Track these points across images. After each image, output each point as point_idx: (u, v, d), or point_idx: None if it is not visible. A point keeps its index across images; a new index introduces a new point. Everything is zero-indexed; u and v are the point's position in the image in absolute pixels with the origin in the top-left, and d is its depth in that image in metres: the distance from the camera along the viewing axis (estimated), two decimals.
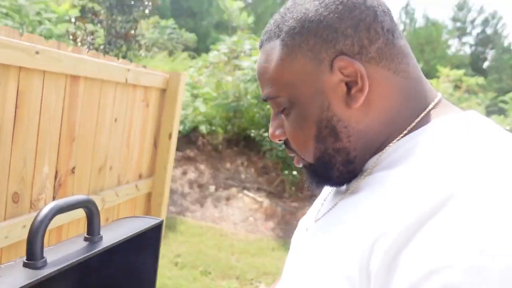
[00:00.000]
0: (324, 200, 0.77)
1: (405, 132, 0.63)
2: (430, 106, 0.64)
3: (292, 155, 0.73)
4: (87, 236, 0.97)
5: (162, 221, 1.20)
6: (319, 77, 0.63)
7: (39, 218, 0.81)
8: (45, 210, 0.82)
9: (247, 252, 4.50)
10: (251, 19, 13.55)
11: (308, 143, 0.67)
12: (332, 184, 0.70)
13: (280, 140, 0.72)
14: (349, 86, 0.62)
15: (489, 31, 28.21)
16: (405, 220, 0.49)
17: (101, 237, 0.99)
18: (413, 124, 0.63)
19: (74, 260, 0.85)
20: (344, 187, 0.71)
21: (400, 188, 0.54)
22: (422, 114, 0.63)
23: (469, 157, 0.52)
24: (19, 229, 1.54)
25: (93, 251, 0.91)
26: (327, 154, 0.66)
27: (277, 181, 5.85)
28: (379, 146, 0.65)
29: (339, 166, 0.66)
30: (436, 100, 0.65)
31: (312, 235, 0.68)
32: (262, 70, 0.68)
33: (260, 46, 0.70)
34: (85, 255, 0.88)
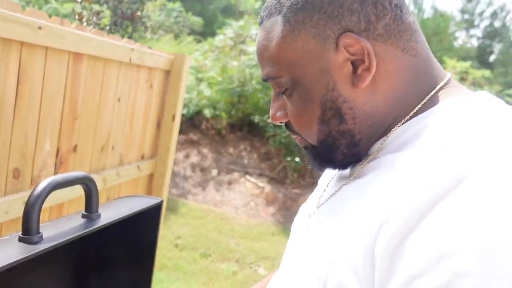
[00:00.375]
0: (327, 185, 0.74)
1: (412, 113, 0.60)
2: (439, 86, 0.61)
3: (294, 136, 0.70)
4: (85, 213, 0.96)
5: (161, 201, 1.19)
6: (324, 55, 0.60)
7: (36, 192, 0.80)
8: (42, 185, 0.81)
9: (247, 236, 4.51)
10: (258, 4, 13.41)
11: (311, 125, 0.64)
12: (335, 167, 0.67)
13: (281, 123, 0.69)
14: (355, 65, 0.59)
15: (497, 24, 27.85)
16: (413, 203, 0.46)
17: (99, 214, 0.98)
18: (421, 105, 0.60)
19: (70, 237, 0.84)
20: (347, 172, 0.69)
21: (408, 170, 0.51)
22: (430, 94, 0.60)
23: (481, 139, 0.49)
24: (20, 205, 1.54)
25: (90, 228, 0.90)
26: (331, 137, 0.63)
27: (279, 167, 5.84)
28: (385, 129, 0.62)
29: (344, 148, 0.63)
30: (445, 80, 0.62)
31: (315, 222, 0.65)
32: (262, 48, 0.64)
33: (260, 23, 0.66)
34: (82, 232, 0.87)
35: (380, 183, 0.54)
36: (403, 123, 0.60)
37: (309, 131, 0.65)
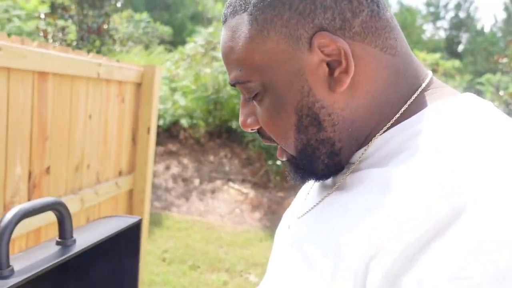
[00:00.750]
0: (308, 193, 0.69)
1: (394, 118, 0.55)
2: (421, 88, 0.56)
3: (268, 143, 0.64)
4: (59, 240, 0.91)
5: (140, 220, 1.14)
6: (297, 57, 0.54)
7: (2, 224, 0.75)
8: (9, 216, 0.75)
9: (235, 244, 4.46)
10: None
11: (287, 134, 0.58)
12: (317, 178, 0.62)
13: (252, 130, 0.63)
14: (331, 67, 0.54)
15: (462, 14, 28.57)
16: (408, 235, 0.42)
17: (74, 240, 0.93)
18: (404, 109, 0.55)
19: (44, 267, 0.79)
20: (329, 180, 0.64)
21: (397, 193, 0.46)
22: (414, 97, 0.55)
23: (478, 155, 0.45)
24: None
25: (65, 256, 0.85)
26: (309, 146, 0.58)
27: (261, 172, 5.81)
28: (367, 136, 0.57)
29: (324, 158, 0.58)
30: (427, 80, 0.58)
31: (297, 238, 0.60)
32: (228, 50, 0.58)
33: (224, 21, 0.59)
34: (56, 261, 0.82)
35: (366, 203, 0.49)
36: (385, 131, 0.55)
37: (285, 139, 0.59)
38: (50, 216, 1.80)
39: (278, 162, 5.49)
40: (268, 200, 5.39)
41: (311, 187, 0.70)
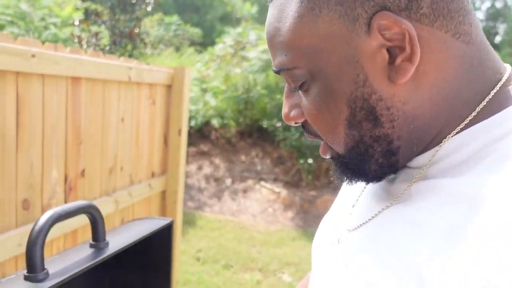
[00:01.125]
0: (357, 200, 0.60)
1: (470, 118, 0.47)
2: (501, 83, 0.48)
3: (312, 139, 0.56)
4: (93, 242, 0.92)
5: (172, 221, 1.15)
6: (352, 40, 0.47)
7: (37, 228, 0.76)
8: (43, 219, 0.77)
9: (268, 243, 4.45)
10: (254, 9, 13.42)
11: (336, 129, 0.50)
12: (368, 180, 0.54)
13: (296, 123, 0.56)
14: (392, 53, 0.46)
15: (498, 4, 27.57)
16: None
17: (107, 243, 0.94)
18: (481, 107, 0.47)
19: (77, 270, 0.80)
20: (385, 186, 0.56)
21: (495, 213, 0.38)
22: (492, 93, 0.47)
23: None
24: None
25: (98, 259, 0.86)
26: (362, 143, 0.50)
27: (293, 171, 5.78)
28: (433, 137, 0.49)
29: (378, 157, 0.50)
30: (506, 74, 0.49)
31: (349, 255, 0.51)
32: (273, 32, 0.51)
33: (271, 0, 0.53)
34: (89, 264, 0.83)
35: (448, 223, 0.41)
36: (458, 132, 0.47)
37: (334, 135, 0.51)
38: (86, 218, 1.84)
39: (310, 161, 5.45)
40: (300, 199, 5.35)
41: (360, 193, 0.61)
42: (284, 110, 0.55)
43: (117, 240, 0.97)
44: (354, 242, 0.52)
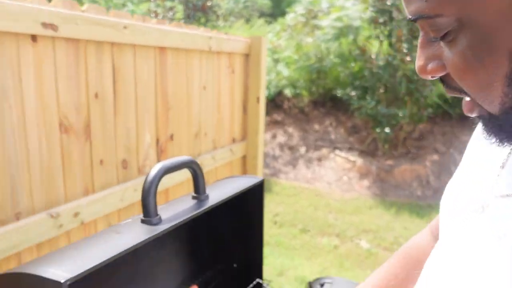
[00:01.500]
0: (507, 160, 0.52)
1: None
2: None
3: (453, 94, 0.50)
4: (194, 195, 1.00)
5: (263, 180, 1.20)
6: None
7: (149, 178, 0.84)
8: (154, 171, 0.84)
9: (344, 211, 4.45)
10: None
11: (491, 86, 0.43)
12: None
13: (433, 77, 0.49)
14: None
15: None
16: None
17: (207, 195, 1.01)
18: None
19: (186, 217, 0.87)
20: None
21: None
22: None
23: None
24: (131, 192, 1.66)
25: (203, 208, 0.93)
26: None
27: (368, 140, 5.66)
28: None
29: None
30: None
31: (502, 222, 0.44)
32: None
33: None
34: (196, 212, 0.90)
35: None
36: None
37: (487, 93, 0.44)
38: (174, 179, 1.96)
39: (387, 130, 5.30)
40: (377, 168, 5.26)
41: (506, 157, 0.53)
42: (419, 62, 0.48)
43: (216, 194, 1.03)
44: (509, 209, 0.46)
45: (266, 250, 3.51)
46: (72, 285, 0.61)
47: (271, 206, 4.46)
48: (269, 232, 3.86)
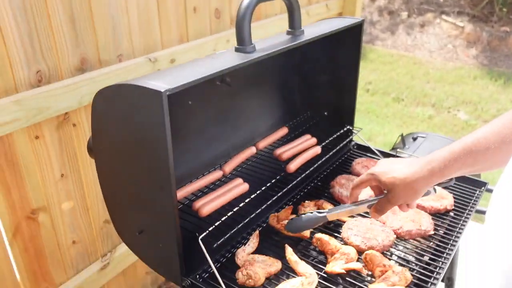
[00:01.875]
0: None
1: None
2: None
3: None
4: (289, 30, 0.96)
5: (362, 20, 1.12)
6: None
7: (244, 4, 0.80)
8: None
9: (444, 80, 4.17)
10: None
11: None
12: None
13: None
14: None
15: None
16: None
17: (303, 31, 0.96)
18: None
19: (280, 48, 0.84)
20: None
21: None
22: None
23: None
24: (223, 44, 1.66)
25: (296, 42, 0.89)
26: None
27: (483, 3, 5.00)
28: None
29: None
30: None
31: None
32: None
33: None
34: (292, 44, 0.87)
35: None
36: None
37: None
38: None
39: None
40: (489, 35, 4.72)
41: None
42: None
43: (312, 30, 0.98)
44: None
45: (356, 117, 3.49)
46: (170, 96, 0.63)
47: (364, 73, 4.31)
48: (360, 99, 3.79)
